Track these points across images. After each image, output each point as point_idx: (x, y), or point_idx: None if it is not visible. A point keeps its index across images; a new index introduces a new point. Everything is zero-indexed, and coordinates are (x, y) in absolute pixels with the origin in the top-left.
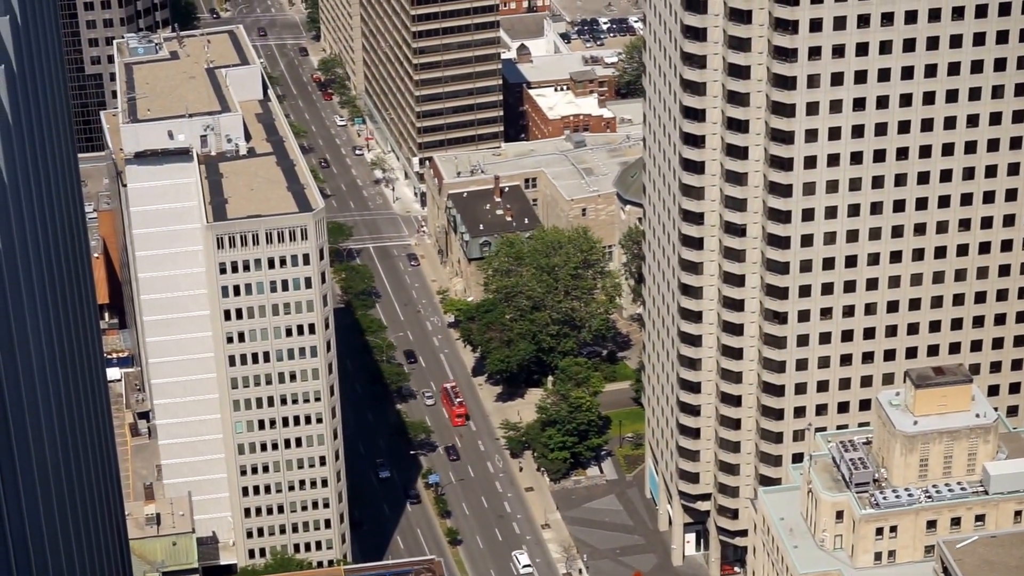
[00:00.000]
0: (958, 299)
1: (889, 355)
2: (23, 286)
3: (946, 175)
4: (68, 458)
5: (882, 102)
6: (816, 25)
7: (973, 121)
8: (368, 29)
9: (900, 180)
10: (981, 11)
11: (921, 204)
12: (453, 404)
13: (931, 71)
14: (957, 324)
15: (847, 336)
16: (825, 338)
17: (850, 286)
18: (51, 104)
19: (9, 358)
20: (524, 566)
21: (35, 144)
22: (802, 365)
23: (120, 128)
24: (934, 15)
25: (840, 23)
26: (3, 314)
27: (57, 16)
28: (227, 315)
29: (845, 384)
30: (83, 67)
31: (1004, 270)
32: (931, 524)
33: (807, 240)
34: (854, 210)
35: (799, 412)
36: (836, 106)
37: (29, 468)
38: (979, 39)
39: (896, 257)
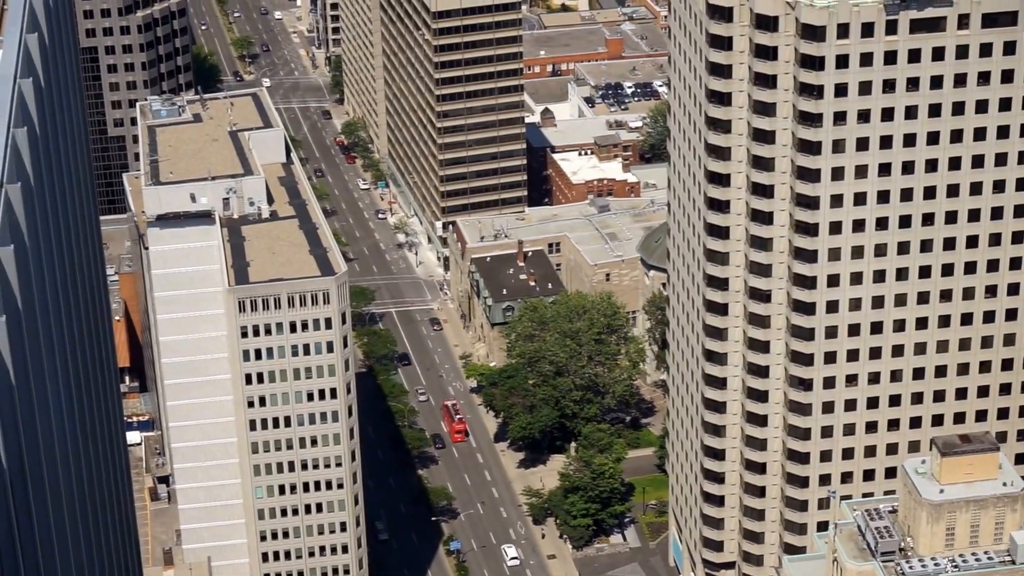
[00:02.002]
0: (984, 366)
1: (915, 422)
2: (43, 348)
3: (972, 241)
4: (87, 522)
5: (908, 167)
6: (841, 90)
7: (999, 187)
8: (392, 92)
9: (926, 246)
10: (1007, 76)
11: (947, 270)
12: (453, 420)
13: (956, 136)
14: (983, 391)
15: (872, 403)
16: (850, 405)
17: (875, 353)
18: (73, 166)
19: (28, 420)
20: (512, 558)
21: (56, 206)
22: (827, 432)
23: (142, 190)
24: (959, 80)
25: (865, 88)
26: (23, 376)
27: (80, 78)
28: (248, 379)
29: (871, 452)
30: (106, 129)
31: None
32: None
33: (832, 306)
34: (879, 276)
35: (824, 480)
36: (861, 171)
37: (48, 532)
38: (1005, 104)
39: (922, 323)
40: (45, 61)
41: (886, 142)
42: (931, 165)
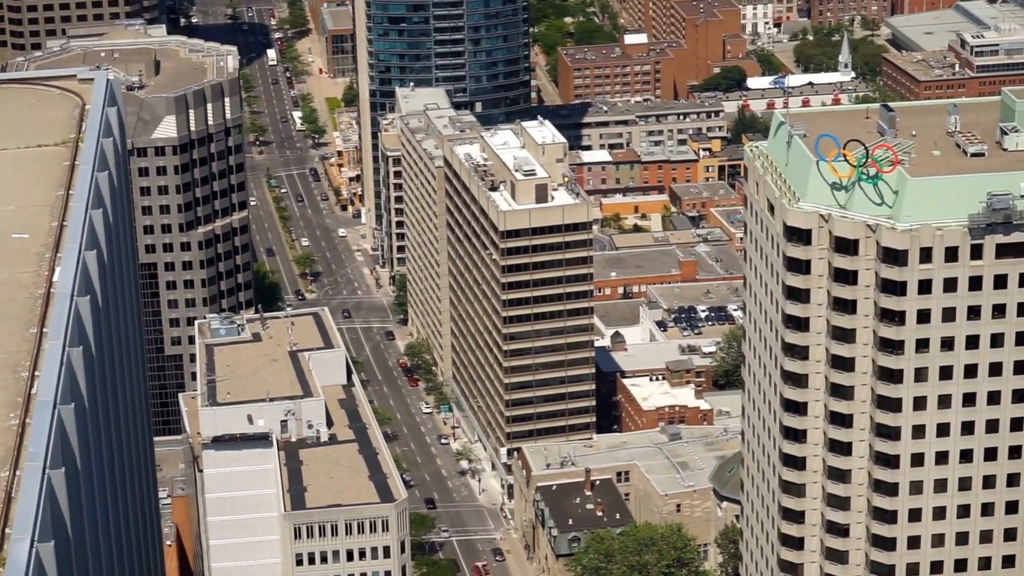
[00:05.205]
0: None
1: None
2: (91, 574)
3: None
4: None
5: (993, 398)
6: (924, 316)
7: None
8: (457, 313)
9: (1012, 480)
10: None
11: None
12: None
13: None
14: None
15: None
16: None
17: None
18: (128, 386)
19: None
20: None
21: (110, 427)
22: None
23: (198, 411)
24: None
25: (949, 315)
26: None
27: (138, 296)
28: None
29: None
30: (163, 347)
31: None
32: None
33: (913, 542)
34: (964, 511)
35: None
36: (944, 401)
37: None
38: None
39: (1008, 562)
40: (103, 279)
41: (971, 371)
42: (1018, 395)
